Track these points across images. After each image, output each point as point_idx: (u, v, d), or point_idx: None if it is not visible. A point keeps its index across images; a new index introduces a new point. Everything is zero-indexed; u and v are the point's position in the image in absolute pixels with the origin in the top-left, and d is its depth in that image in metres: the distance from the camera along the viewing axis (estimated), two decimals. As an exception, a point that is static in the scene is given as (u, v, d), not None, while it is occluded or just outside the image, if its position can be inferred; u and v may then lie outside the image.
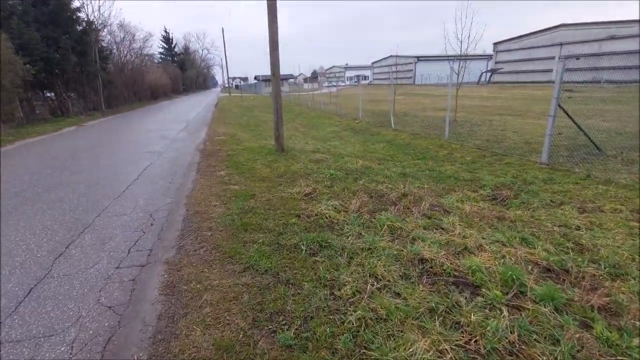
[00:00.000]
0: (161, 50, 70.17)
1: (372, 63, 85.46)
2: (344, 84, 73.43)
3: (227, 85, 68.08)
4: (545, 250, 3.34)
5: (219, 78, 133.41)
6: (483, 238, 3.56)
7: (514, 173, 6.33)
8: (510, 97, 25.64)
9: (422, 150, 8.50)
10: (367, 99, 31.42)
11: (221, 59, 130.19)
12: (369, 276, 2.68)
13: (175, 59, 71.60)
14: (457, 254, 3.18)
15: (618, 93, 24.13)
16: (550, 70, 42.78)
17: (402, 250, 3.10)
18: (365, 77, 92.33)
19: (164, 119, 18.73)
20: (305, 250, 3.13)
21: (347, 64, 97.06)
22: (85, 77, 22.58)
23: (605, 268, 3.05)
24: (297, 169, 6.44)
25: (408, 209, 4.36)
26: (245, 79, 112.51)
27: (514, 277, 2.69)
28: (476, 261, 2.97)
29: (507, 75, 48.20)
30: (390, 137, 10.60)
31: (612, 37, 35.87)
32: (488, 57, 67.96)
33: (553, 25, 41.24)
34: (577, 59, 6.89)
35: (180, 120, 17.96)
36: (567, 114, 6.63)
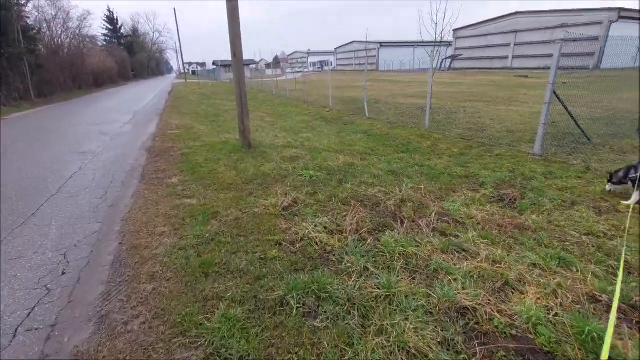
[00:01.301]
0: (105, 32, 63.61)
1: (336, 49, 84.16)
2: (307, 70, 71.74)
3: (183, 71, 63.58)
4: (593, 275, 2.68)
5: (174, 64, 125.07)
6: (517, 262, 2.83)
7: (509, 167, 5.77)
8: (473, 83, 25.94)
9: (403, 142, 7.76)
10: (334, 85, 30.53)
11: (175, 43, 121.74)
12: (399, 350, 1.80)
13: (122, 41, 65.30)
14: (499, 292, 2.40)
15: (576, 79, 24.99)
16: (506, 57, 44.32)
17: (431, 295, 2.25)
18: (328, 63, 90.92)
19: (107, 109, 16.43)
20: (297, 308, 2.15)
21: (309, 50, 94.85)
22: (5, 61, 19.22)
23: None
24: (270, 170, 5.37)
25: (414, 222, 3.54)
26: (203, 65, 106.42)
27: (592, 332, 1.94)
28: (528, 304, 2.20)
29: (467, 61, 49.38)
30: (366, 127, 9.79)
31: (563, 26, 37.67)
32: (447, 44, 69.57)
33: (509, 12, 42.53)
34: (574, 41, 6.41)
35: (127, 110, 15.82)
36: (560, 101, 6.16)
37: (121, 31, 66.49)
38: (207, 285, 2.48)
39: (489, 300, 2.26)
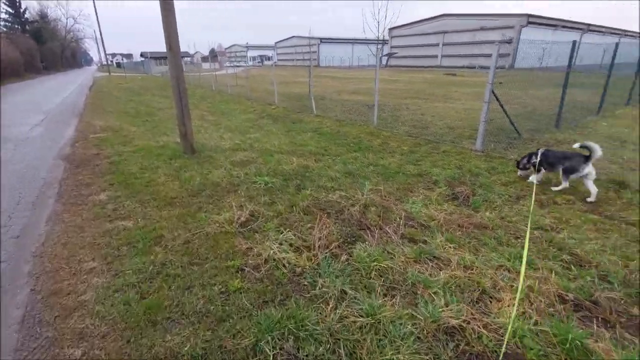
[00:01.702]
0: (5, 15, 54.24)
1: (276, 43, 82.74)
2: (246, 65, 69.40)
3: (105, 62, 57.06)
4: (554, 273, 2.80)
5: (94, 54, 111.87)
6: (485, 265, 2.84)
7: (456, 163, 6.01)
8: (408, 80, 27.30)
9: (354, 140, 7.72)
10: (276, 80, 29.89)
11: (94, 31, 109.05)
12: (395, 391, 1.60)
13: (28, 27, 56.36)
14: (478, 302, 2.36)
15: (499, 78, 27.52)
16: (436, 56, 47.57)
17: (416, 317, 2.09)
18: (268, 58, 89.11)
19: (9, 109, 13.90)
20: (274, 356, 1.78)
21: (247, 43, 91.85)
22: None
23: (619, 288, 2.64)
24: (219, 179, 4.84)
25: (381, 229, 3.41)
26: (129, 56, 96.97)
27: (575, 340, 1.95)
28: (508, 314, 2.17)
29: (402, 59, 52.04)
30: (315, 124, 9.60)
31: (482, 28, 41.58)
32: (383, 42, 72.65)
33: (438, 14, 45.63)
34: (509, 42, 6.87)
35: (37, 109, 13.55)
36: (497, 100, 6.58)
37: (25, 15, 57.29)
38: (156, 339, 1.96)
39: (473, 314, 2.19)
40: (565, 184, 4.70)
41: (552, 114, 9.25)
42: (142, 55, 59.80)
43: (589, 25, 45.80)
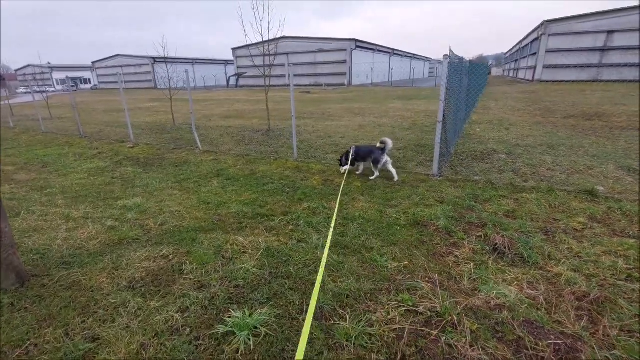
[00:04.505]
0: None
1: (94, 63, 68.50)
2: (53, 90, 54.23)
3: None
4: None
5: None
6: None
7: (434, 197, 4.96)
8: (271, 100, 26.61)
9: (287, 184, 5.78)
10: (109, 108, 23.60)
11: None
12: None
13: None
14: None
15: (356, 93, 30.23)
16: (284, 76, 49.23)
17: None
18: (85, 80, 72.81)
19: None
20: None
21: (49, 63, 72.60)
22: None
23: None
24: None
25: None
26: None
27: None
28: None
29: (250, 79, 51.45)
30: (211, 165, 7.06)
31: (320, 50, 45.57)
32: (225, 62, 70.62)
33: (279, 36, 47.22)
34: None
35: None
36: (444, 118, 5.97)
37: None
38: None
39: None
40: (377, 173, 5.80)
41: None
42: None
43: (393, 50, 57.21)
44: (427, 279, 2.99)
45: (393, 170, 5.69)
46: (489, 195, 4.94)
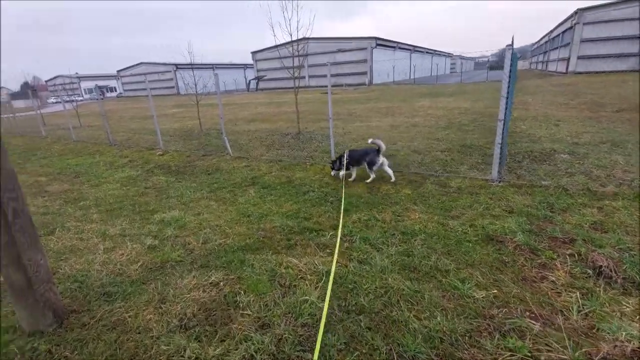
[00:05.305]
0: None
1: (119, 71, 70.79)
2: (81, 98, 56.36)
3: None
4: None
5: None
6: None
7: (500, 205, 4.37)
8: (293, 102, 26.35)
9: (328, 192, 5.32)
10: (135, 115, 23.99)
11: None
12: None
13: None
14: None
15: (378, 92, 29.51)
16: (304, 77, 49.01)
17: None
18: (111, 89, 75.43)
19: None
20: None
21: (77, 73, 75.57)
22: None
23: None
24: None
25: None
26: None
27: None
28: None
29: (271, 82, 51.55)
30: (245, 172, 6.71)
31: (340, 50, 45.04)
32: (244, 66, 71.25)
33: (300, 37, 47.08)
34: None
35: None
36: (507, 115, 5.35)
37: None
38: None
39: None
40: (373, 176, 5.53)
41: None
42: None
43: (414, 46, 55.87)
44: (528, 313, 2.46)
45: (390, 171, 5.50)
46: (565, 203, 4.30)
